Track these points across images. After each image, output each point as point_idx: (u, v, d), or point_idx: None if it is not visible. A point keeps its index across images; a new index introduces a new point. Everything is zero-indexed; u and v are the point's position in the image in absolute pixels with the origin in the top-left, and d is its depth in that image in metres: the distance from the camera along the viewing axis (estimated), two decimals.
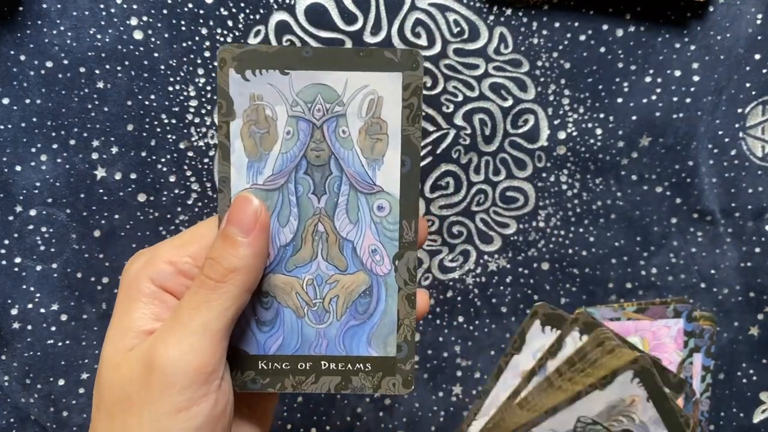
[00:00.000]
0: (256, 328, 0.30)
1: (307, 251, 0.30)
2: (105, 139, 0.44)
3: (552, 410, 0.44)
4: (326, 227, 0.30)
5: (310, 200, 0.30)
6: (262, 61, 0.29)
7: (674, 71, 0.44)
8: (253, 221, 0.28)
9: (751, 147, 0.45)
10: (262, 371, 0.31)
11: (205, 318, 0.27)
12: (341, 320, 0.30)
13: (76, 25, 0.43)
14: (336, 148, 0.30)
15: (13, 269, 0.44)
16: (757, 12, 0.44)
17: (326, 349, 0.31)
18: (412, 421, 0.48)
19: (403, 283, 0.30)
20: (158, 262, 0.29)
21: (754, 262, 0.46)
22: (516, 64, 0.45)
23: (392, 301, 0.30)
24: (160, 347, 0.27)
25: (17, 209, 0.44)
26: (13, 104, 0.43)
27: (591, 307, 0.46)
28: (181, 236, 0.30)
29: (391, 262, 0.30)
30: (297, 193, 0.30)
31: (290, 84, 0.29)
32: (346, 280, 0.30)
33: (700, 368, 0.47)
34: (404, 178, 0.30)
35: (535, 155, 0.46)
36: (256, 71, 0.29)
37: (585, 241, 0.46)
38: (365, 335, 0.31)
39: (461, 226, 0.46)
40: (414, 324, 0.31)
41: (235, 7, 0.43)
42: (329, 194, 0.30)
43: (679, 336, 0.46)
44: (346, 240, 0.30)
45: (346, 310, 0.30)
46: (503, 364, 0.47)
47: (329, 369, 0.31)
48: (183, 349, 0.27)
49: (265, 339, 0.30)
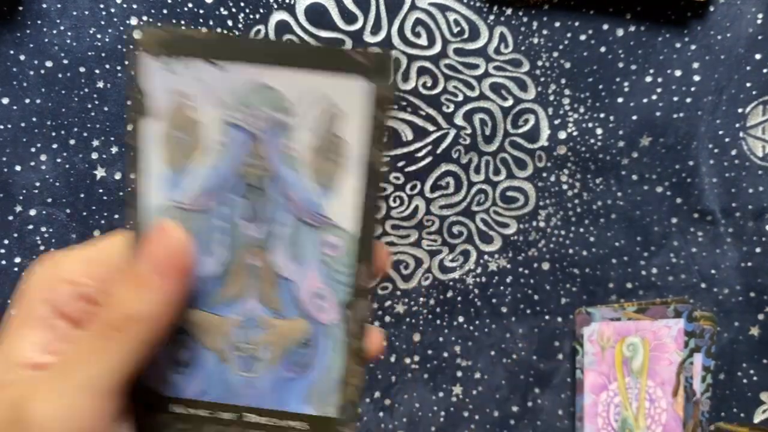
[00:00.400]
0: (173, 367, 0.26)
1: (236, 287, 0.25)
2: (105, 138, 0.44)
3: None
4: (261, 262, 0.25)
5: (244, 228, 0.24)
6: (191, 48, 0.23)
7: (675, 71, 0.44)
8: (172, 261, 0.23)
9: (751, 147, 0.45)
10: (177, 417, 0.26)
11: (92, 372, 0.22)
12: (274, 371, 0.26)
13: (76, 25, 0.43)
14: (279, 167, 0.24)
15: (13, 269, 0.44)
16: (758, 12, 0.44)
17: (254, 401, 0.26)
18: (412, 420, 0.47)
19: (352, 337, 0.25)
20: (57, 282, 0.24)
21: (754, 262, 0.46)
22: (516, 63, 0.45)
23: (337, 356, 0.25)
24: (35, 400, 0.22)
25: (17, 209, 0.44)
26: (12, 104, 0.43)
27: (591, 307, 0.46)
28: (92, 247, 0.25)
29: (340, 311, 0.25)
30: (228, 218, 0.24)
31: (226, 81, 0.23)
32: (281, 327, 0.25)
33: (701, 368, 0.47)
34: (364, 213, 0.24)
35: (535, 155, 0.46)
36: (183, 61, 0.23)
37: (585, 241, 0.46)
38: (302, 390, 0.26)
39: (461, 226, 0.46)
40: (362, 383, 0.26)
41: (234, 7, 0.43)
42: (267, 223, 0.24)
43: (680, 336, 0.46)
44: (285, 279, 0.25)
45: (280, 360, 0.26)
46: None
47: (257, 424, 0.26)
48: (59, 407, 0.22)
49: (182, 381, 0.26)
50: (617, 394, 0.47)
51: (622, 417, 0.47)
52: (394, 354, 0.47)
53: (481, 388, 0.47)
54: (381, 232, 0.46)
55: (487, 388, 0.47)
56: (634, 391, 0.47)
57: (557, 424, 0.48)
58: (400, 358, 0.47)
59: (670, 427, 0.47)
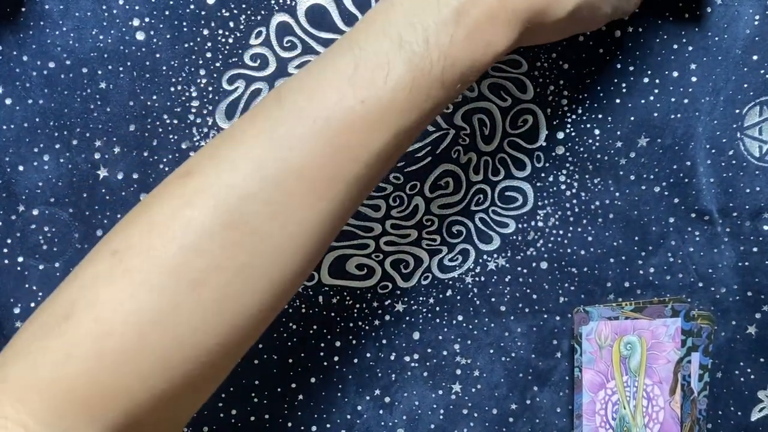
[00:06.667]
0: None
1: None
2: (107, 139, 0.44)
3: None
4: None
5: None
6: None
7: (672, 72, 0.45)
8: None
9: (748, 147, 0.46)
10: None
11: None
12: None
13: (79, 26, 0.43)
14: None
15: (16, 268, 0.45)
16: (755, 13, 0.44)
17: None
18: (411, 418, 0.48)
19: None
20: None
21: (751, 262, 0.46)
22: (515, 64, 0.45)
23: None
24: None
25: (20, 209, 0.44)
26: (15, 104, 0.43)
27: (589, 306, 0.47)
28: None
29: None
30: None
31: None
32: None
33: (698, 367, 0.47)
34: None
35: (533, 155, 0.46)
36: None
37: (583, 240, 0.46)
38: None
39: (460, 225, 0.47)
40: None
41: (236, 9, 0.44)
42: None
43: (677, 335, 0.47)
44: None
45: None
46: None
47: None
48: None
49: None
50: (615, 392, 0.47)
51: (619, 415, 0.47)
52: (394, 352, 0.47)
53: (480, 386, 0.48)
54: (381, 232, 0.46)
55: (486, 386, 0.48)
56: (631, 389, 0.47)
57: (555, 421, 0.48)
58: (400, 357, 0.47)
59: (668, 425, 0.47)
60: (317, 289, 0.47)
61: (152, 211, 0.32)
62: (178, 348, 0.31)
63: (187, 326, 0.31)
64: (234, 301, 0.32)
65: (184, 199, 0.31)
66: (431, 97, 0.32)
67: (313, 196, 0.32)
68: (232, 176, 0.31)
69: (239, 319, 0.32)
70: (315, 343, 0.47)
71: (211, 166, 0.32)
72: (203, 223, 0.31)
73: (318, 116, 0.31)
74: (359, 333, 0.47)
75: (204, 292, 0.31)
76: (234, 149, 0.32)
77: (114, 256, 0.31)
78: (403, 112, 0.32)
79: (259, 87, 0.44)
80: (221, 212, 0.31)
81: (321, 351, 0.47)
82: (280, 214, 0.31)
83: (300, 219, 0.32)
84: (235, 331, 0.32)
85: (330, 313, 0.47)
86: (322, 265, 0.47)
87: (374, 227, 0.46)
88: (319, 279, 0.47)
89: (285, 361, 0.47)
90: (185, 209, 0.31)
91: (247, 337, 0.34)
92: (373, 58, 0.32)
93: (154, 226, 0.31)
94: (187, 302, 0.31)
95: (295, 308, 0.47)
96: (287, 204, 0.31)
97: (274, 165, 0.31)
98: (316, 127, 0.31)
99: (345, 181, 0.32)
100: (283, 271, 0.32)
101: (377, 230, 0.46)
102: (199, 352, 0.31)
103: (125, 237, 0.32)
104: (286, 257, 0.32)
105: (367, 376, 0.48)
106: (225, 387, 0.47)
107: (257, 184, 0.31)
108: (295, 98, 0.32)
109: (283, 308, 0.35)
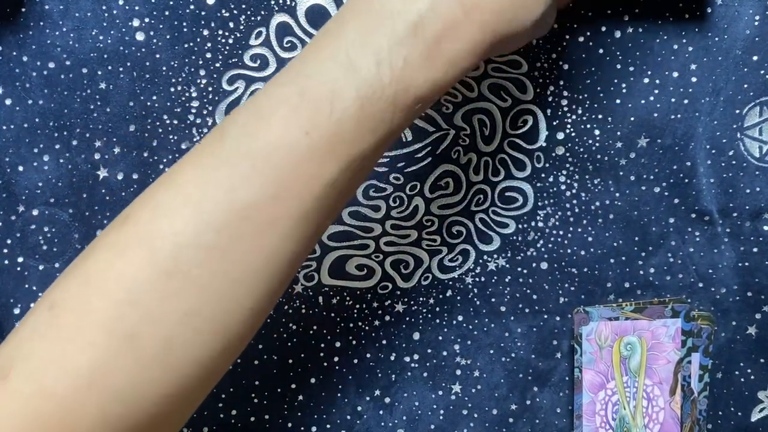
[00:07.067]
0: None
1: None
2: (107, 139, 0.44)
3: None
4: None
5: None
6: None
7: (672, 72, 0.45)
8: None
9: (748, 147, 0.46)
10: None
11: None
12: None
13: (79, 27, 0.43)
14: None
15: (16, 269, 0.45)
16: (755, 14, 0.44)
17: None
18: (411, 419, 0.48)
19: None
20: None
21: (751, 262, 0.46)
22: (515, 65, 0.45)
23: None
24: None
25: (20, 209, 0.44)
26: (15, 105, 0.44)
27: (589, 306, 0.47)
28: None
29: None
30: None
31: None
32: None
33: (698, 367, 0.47)
34: None
35: (534, 156, 0.46)
36: None
37: (583, 240, 0.46)
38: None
39: (460, 225, 0.47)
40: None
41: (236, 9, 0.44)
42: None
43: (677, 335, 0.47)
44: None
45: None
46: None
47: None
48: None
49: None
50: (615, 392, 0.47)
51: (620, 415, 0.47)
52: (394, 353, 0.47)
53: (480, 387, 0.48)
54: (381, 232, 0.46)
55: (486, 387, 0.48)
56: (631, 389, 0.47)
57: (555, 422, 0.48)
58: (400, 357, 0.48)
59: (668, 425, 0.47)
60: (317, 289, 0.47)
61: (88, 263, 0.31)
62: (118, 404, 0.30)
63: (126, 381, 0.29)
64: (179, 350, 0.30)
65: (117, 249, 0.30)
66: (385, 122, 0.30)
67: (261, 238, 0.30)
68: (168, 223, 0.30)
69: (188, 368, 0.31)
70: (315, 344, 0.47)
71: (147, 213, 0.31)
72: (136, 275, 0.29)
73: (261, 151, 0.30)
74: (359, 333, 0.47)
75: (141, 346, 0.29)
76: (171, 193, 0.30)
77: (51, 310, 0.30)
78: (354, 141, 0.30)
79: (259, 87, 0.44)
80: (156, 262, 0.29)
81: (321, 351, 0.47)
82: (225, 260, 0.30)
83: (248, 262, 0.30)
84: (185, 381, 0.31)
85: (330, 314, 0.47)
86: (322, 266, 0.47)
87: (374, 228, 0.46)
88: (319, 279, 0.47)
89: (285, 361, 0.47)
90: (118, 261, 0.30)
91: (206, 381, 0.32)
92: (319, 87, 0.30)
93: (89, 279, 0.30)
94: (123, 357, 0.29)
95: (295, 308, 0.47)
96: (232, 248, 0.30)
97: (216, 208, 0.29)
98: (259, 163, 0.29)
99: (296, 217, 0.30)
100: (235, 316, 0.31)
101: (377, 231, 0.46)
102: (144, 405, 0.30)
103: (62, 290, 0.31)
104: (235, 302, 0.31)
105: (367, 377, 0.48)
106: (225, 387, 0.47)
107: (197, 229, 0.29)
108: (238, 133, 0.30)
109: (251, 340, 0.34)
